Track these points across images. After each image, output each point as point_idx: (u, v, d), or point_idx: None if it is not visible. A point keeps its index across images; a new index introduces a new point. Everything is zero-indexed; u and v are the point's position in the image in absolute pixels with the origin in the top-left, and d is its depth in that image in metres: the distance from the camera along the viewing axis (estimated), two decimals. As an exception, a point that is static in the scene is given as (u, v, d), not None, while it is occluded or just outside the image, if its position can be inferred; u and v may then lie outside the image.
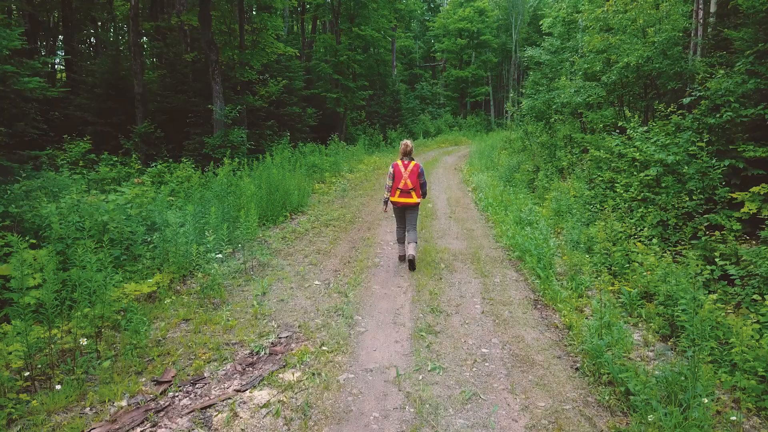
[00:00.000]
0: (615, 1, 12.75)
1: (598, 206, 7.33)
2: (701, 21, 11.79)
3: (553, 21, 20.08)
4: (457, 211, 8.97)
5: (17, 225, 5.05)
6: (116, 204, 5.21)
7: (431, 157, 19.34)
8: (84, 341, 3.23)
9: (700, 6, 11.80)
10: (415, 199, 5.52)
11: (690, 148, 5.96)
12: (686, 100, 6.82)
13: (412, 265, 5.58)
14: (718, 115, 6.05)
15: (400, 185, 5.48)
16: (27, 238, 4.65)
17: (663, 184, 6.50)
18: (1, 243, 4.52)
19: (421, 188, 5.60)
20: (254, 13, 13.13)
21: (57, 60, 26.28)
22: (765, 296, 3.96)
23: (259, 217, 7.46)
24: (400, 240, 5.87)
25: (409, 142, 5.68)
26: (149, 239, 5.26)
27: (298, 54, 14.10)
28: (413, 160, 5.61)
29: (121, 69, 11.50)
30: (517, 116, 15.50)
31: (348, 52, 18.88)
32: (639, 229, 6.51)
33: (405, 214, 5.70)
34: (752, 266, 4.34)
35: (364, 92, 21.13)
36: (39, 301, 4.11)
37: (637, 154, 7.61)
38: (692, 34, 11.72)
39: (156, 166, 7.12)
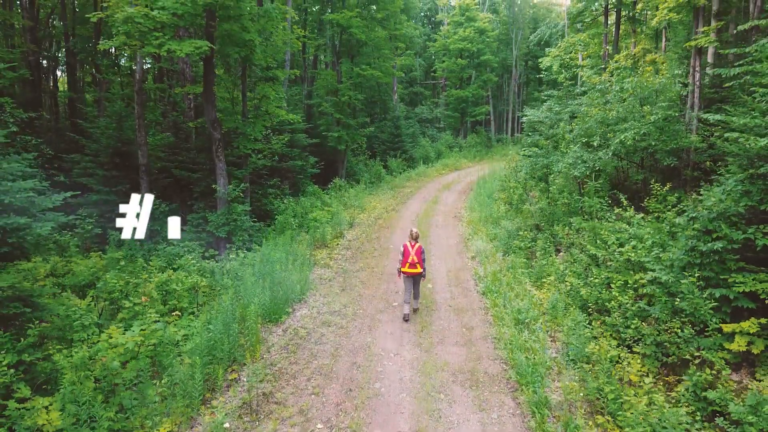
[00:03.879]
0: (613, 72, 12.92)
1: (594, 310, 7.51)
2: (698, 83, 11.97)
3: (551, 60, 20.31)
4: (457, 295, 9.14)
5: (28, 372, 5.23)
6: (126, 349, 5.39)
7: (431, 195, 19.47)
8: None
9: (697, 69, 11.96)
10: (419, 270, 7.83)
11: (683, 282, 6.11)
12: (680, 221, 6.97)
13: (415, 311, 8.22)
14: (710, 243, 6.20)
15: (409, 260, 7.77)
16: (43, 400, 4.84)
17: (658, 294, 6.68)
18: (14, 404, 4.68)
19: (423, 263, 7.87)
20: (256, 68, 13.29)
21: (59, 73, 26.49)
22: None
23: (261, 317, 7.66)
24: (407, 302, 7.95)
25: (415, 229, 8.10)
26: (157, 382, 5.44)
27: (301, 120, 14.25)
28: (418, 242, 7.93)
29: (125, 137, 11.66)
30: (518, 169, 15.67)
31: (349, 92, 19.04)
32: (635, 340, 6.70)
33: (412, 281, 7.96)
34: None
35: (365, 129, 21.30)
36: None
37: (632, 254, 7.79)
38: (688, 102, 11.89)
39: (162, 273, 7.29)
